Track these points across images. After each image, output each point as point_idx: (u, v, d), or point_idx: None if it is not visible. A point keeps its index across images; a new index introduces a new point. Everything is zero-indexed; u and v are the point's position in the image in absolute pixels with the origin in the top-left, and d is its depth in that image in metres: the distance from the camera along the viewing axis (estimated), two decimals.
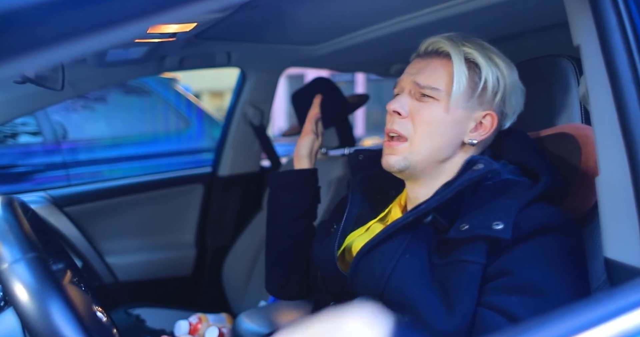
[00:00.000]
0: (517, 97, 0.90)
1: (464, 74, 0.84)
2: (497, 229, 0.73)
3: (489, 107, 0.87)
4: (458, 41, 0.87)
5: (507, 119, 0.90)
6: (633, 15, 0.65)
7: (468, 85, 0.85)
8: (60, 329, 0.55)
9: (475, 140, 0.86)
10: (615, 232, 0.67)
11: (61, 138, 3.33)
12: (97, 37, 0.43)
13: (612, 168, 0.67)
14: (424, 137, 0.85)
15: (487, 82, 0.85)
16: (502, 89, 0.86)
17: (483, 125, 0.87)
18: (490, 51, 0.88)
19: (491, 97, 0.86)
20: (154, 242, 2.01)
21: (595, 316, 0.56)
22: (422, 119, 0.85)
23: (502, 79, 0.86)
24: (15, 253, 0.62)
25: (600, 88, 0.68)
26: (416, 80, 0.86)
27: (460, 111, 0.85)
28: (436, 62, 0.87)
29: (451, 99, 0.84)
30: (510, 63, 0.89)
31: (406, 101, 0.87)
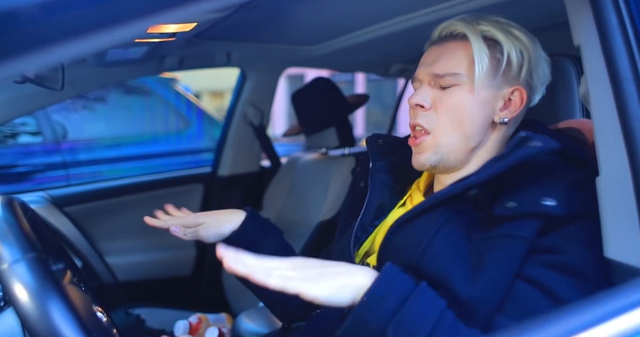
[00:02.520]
0: (543, 68, 0.86)
1: (485, 53, 0.81)
2: (547, 205, 0.69)
3: (516, 82, 0.83)
4: (472, 21, 0.84)
5: (537, 92, 0.87)
6: (634, 15, 0.65)
7: (490, 63, 0.81)
8: (60, 329, 0.55)
9: (506, 119, 0.83)
10: (615, 232, 0.67)
11: (61, 138, 3.33)
12: (97, 37, 0.43)
13: (612, 168, 0.67)
14: (449, 126, 0.82)
15: (510, 57, 0.82)
16: (528, 62, 0.83)
17: (512, 101, 0.83)
18: (508, 25, 0.84)
19: (517, 72, 0.83)
20: (154, 242, 2.01)
21: (596, 315, 0.56)
22: (447, 107, 0.82)
23: (526, 52, 0.83)
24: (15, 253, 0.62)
25: (601, 88, 0.68)
26: (433, 72, 0.83)
27: (487, 91, 0.82)
28: (452, 46, 0.84)
29: (475, 80, 0.80)
30: (531, 35, 0.85)
31: (427, 92, 0.84)
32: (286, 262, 0.66)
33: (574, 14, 0.71)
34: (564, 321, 0.55)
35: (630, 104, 0.64)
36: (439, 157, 0.83)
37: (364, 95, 2.10)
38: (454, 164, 0.84)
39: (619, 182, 0.66)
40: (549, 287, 0.68)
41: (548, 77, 0.88)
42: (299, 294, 0.63)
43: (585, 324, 0.55)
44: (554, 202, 0.69)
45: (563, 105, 0.95)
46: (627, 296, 0.58)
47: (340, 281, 0.65)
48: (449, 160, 0.83)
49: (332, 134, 1.88)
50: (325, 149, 1.89)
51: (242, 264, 0.64)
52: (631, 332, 0.55)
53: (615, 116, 0.66)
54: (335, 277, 0.66)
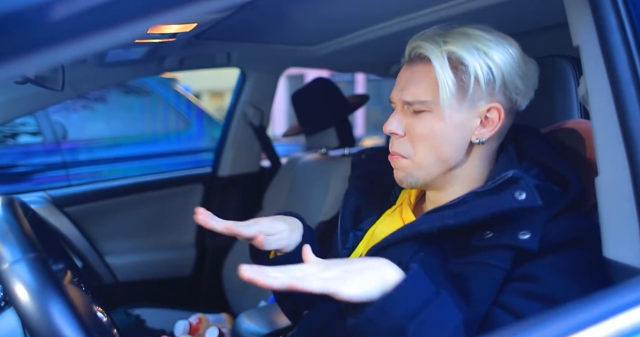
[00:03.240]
0: (522, 76, 0.82)
1: (449, 78, 0.79)
2: (523, 239, 0.70)
3: (491, 100, 0.81)
4: (439, 40, 0.80)
5: (521, 101, 0.84)
6: (633, 16, 0.66)
7: (457, 87, 0.79)
8: (60, 329, 0.55)
9: (484, 138, 0.82)
10: (615, 232, 0.67)
11: (61, 138, 3.33)
12: (97, 38, 0.43)
13: (612, 168, 0.67)
14: (423, 152, 0.82)
15: (477, 78, 0.79)
16: (500, 77, 0.80)
17: (489, 119, 0.81)
18: (477, 39, 0.80)
19: (489, 90, 0.80)
20: (154, 242, 2.01)
21: (594, 314, 0.56)
22: (420, 134, 0.82)
23: (495, 67, 0.79)
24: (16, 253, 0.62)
25: (600, 88, 0.68)
26: (404, 98, 0.82)
27: (458, 114, 0.80)
28: (420, 70, 0.82)
29: (442, 107, 0.79)
30: (503, 41, 0.81)
31: (400, 119, 0.84)
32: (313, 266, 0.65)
33: (573, 15, 0.71)
34: (563, 320, 0.55)
35: (630, 104, 0.65)
36: (415, 180, 0.84)
37: (364, 95, 2.10)
38: (434, 184, 0.85)
39: (618, 182, 0.66)
40: (524, 314, 0.68)
41: (532, 79, 0.85)
42: (337, 294, 0.61)
43: (584, 323, 0.55)
44: (528, 235, 0.70)
45: (561, 106, 0.95)
46: (626, 296, 0.58)
47: (368, 276, 0.64)
48: (427, 181, 0.84)
49: (332, 134, 1.88)
50: (325, 149, 1.89)
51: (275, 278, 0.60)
52: (629, 332, 0.55)
53: (615, 117, 0.66)
54: (365, 272, 0.64)
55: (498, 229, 0.73)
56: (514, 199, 0.72)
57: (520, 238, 0.70)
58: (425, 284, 0.65)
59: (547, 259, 0.70)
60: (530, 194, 0.72)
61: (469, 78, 0.79)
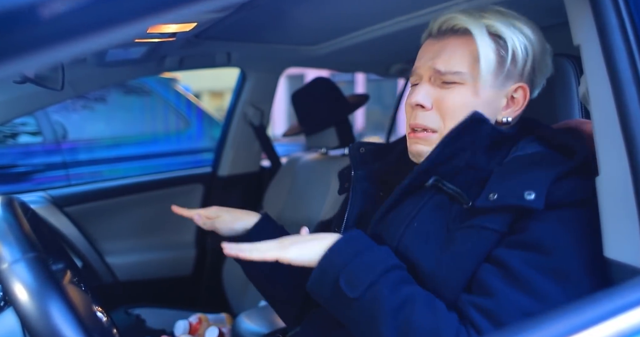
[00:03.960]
0: (546, 62, 0.83)
1: (491, 49, 0.77)
2: (528, 199, 0.69)
3: (519, 79, 0.81)
4: (475, 13, 0.79)
5: (538, 86, 0.85)
6: (633, 15, 0.65)
7: (496, 60, 0.78)
8: (60, 329, 0.55)
9: (510, 118, 0.81)
10: (615, 232, 0.67)
11: (61, 138, 3.33)
12: (97, 37, 0.43)
13: (612, 168, 0.67)
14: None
15: (515, 54, 0.78)
16: (532, 57, 0.80)
17: (515, 100, 0.81)
18: (512, 17, 0.80)
19: (521, 69, 0.80)
20: (154, 242, 2.01)
21: (595, 314, 0.56)
22: (450, 107, 0.79)
23: (530, 47, 0.80)
24: (15, 253, 0.62)
25: (601, 88, 0.68)
26: (435, 67, 0.79)
27: (490, 90, 0.79)
28: (454, 42, 0.80)
29: (480, 80, 0.77)
30: (534, 25, 0.82)
31: (428, 91, 0.80)
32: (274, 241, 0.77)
33: (574, 14, 0.71)
34: (564, 320, 0.55)
35: (630, 104, 0.64)
36: None
37: (364, 95, 2.09)
38: None
39: (619, 182, 0.66)
40: (506, 263, 0.68)
41: (550, 70, 0.86)
42: (278, 258, 0.74)
43: (584, 323, 0.55)
44: (533, 195, 0.69)
45: (562, 105, 0.95)
46: (627, 296, 0.58)
47: (310, 244, 0.75)
48: None
49: (332, 134, 1.88)
50: (325, 149, 1.89)
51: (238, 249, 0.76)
52: (630, 332, 0.55)
53: (615, 116, 0.66)
54: (307, 242, 0.76)
55: (503, 187, 0.72)
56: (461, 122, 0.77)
57: (526, 198, 0.69)
58: (359, 240, 0.75)
59: (543, 213, 0.69)
60: (474, 114, 0.77)
61: (506, 53, 0.79)
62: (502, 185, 0.73)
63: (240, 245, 0.77)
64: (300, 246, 0.75)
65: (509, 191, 0.71)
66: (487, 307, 0.66)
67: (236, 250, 0.76)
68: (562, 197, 0.70)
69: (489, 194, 0.72)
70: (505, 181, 0.73)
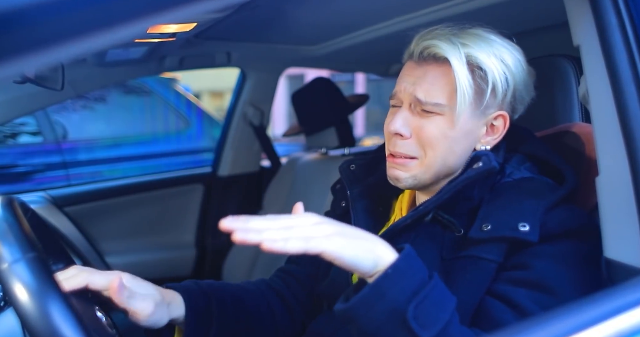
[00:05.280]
0: (528, 88, 0.82)
1: (469, 83, 0.76)
2: (523, 231, 0.69)
3: (499, 108, 0.80)
4: (456, 41, 0.77)
5: (518, 111, 0.84)
6: (633, 15, 0.65)
7: (474, 93, 0.77)
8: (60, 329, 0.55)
9: (489, 146, 0.81)
10: (615, 232, 0.67)
11: (61, 138, 3.33)
12: (97, 37, 0.43)
13: (612, 168, 0.67)
14: (433, 156, 0.78)
15: (495, 86, 0.77)
16: (512, 86, 0.78)
17: (495, 127, 0.80)
18: (492, 44, 0.78)
19: (501, 99, 0.79)
20: (154, 242, 2.01)
21: (595, 315, 0.56)
22: (429, 138, 0.78)
23: (512, 77, 0.78)
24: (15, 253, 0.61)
25: (601, 88, 0.68)
26: (416, 95, 0.78)
27: (469, 121, 0.78)
28: (435, 70, 0.78)
29: (457, 112, 0.76)
30: (513, 48, 0.80)
31: (407, 119, 0.79)
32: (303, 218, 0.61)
33: (574, 14, 0.71)
34: (564, 320, 0.55)
35: (630, 104, 0.64)
36: (416, 182, 0.81)
37: (364, 95, 2.10)
38: (430, 187, 0.83)
39: (619, 182, 0.66)
40: (515, 301, 0.68)
41: (531, 93, 0.84)
42: (322, 252, 0.58)
43: (584, 323, 0.55)
44: (527, 227, 0.70)
45: (561, 106, 0.95)
46: (627, 296, 0.58)
47: (363, 244, 0.61)
48: (426, 184, 0.82)
49: (332, 134, 1.88)
50: (325, 149, 1.89)
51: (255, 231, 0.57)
52: (630, 332, 0.55)
53: (615, 116, 0.66)
54: (358, 239, 0.62)
55: (497, 218, 0.73)
56: (471, 169, 0.76)
57: (520, 230, 0.70)
58: (419, 264, 0.64)
59: (540, 248, 0.70)
60: (486, 161, 0.75)
61: (486, 85, 0.77)
62: (495, 215, 0.74)
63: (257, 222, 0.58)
64: (351, 243, 0.60)
65: (503, 222, 0.72)
66: None
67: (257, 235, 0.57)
68: (555, 227, 0.71)
69: (482, 225, 0.73)
70: (498, 211, 0.74)
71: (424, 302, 0.60)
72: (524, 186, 0.77)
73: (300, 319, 0.96)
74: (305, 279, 0.98)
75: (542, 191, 0.75)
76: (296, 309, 0.96)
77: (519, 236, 0.70)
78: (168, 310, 0.78)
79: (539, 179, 0.79)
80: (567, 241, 0.71)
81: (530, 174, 0.80)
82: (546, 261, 0.70)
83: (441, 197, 0.76)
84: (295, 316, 0.96)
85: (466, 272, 0.72)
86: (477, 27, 0.80)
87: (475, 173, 0.75)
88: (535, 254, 0.70)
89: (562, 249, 0.71)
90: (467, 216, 0.78)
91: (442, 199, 0.76)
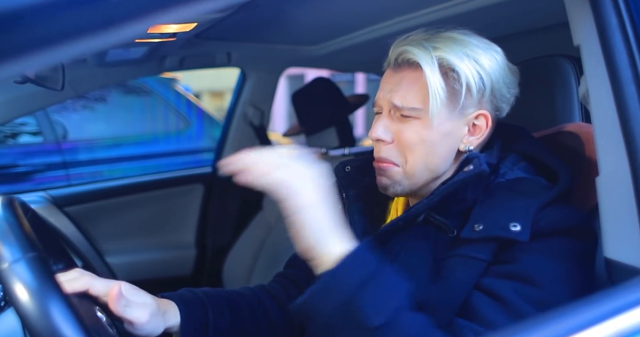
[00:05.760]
0: (508, 85, 0.82)
1: (440, 87, 0.77)
2: (514, 231, 0.70)
3: (479, 107, 0.80)
4: (428, 45, 0.78)
5: (503, 109, 0.84)
6: (633, 15, 0.65)
7: (448, 95, 0.78)
8: (60, 329, 0.55)
9: (472, 147, 0.81)
10: (615, 232, 0.67)
11: (61, 138, 3.33)
12: (97, 37, 0.43)
13: (612, 168, 0.67)
14: (413, 160, 0.80)
15: (469, 86, 0.78)
16: (489, 85, 0.79)
17: (477, 127, 0.81)
18: (465, 45, 0.79)
19: (478, 99, 0.79)
20: (154, 242, 2.01)
21: (595, 315, 0.56)
22: (408, 142, 0.79)
23: (486, 75, 0.78)
24: (16, 253, 0.61)
25: (601, 88, 0.68)
26: (393, 101, 0.80)
27: (447, 123, 0.79)
28: (409, 75, 0.80)
29: (431, 115, 0.77)
30: (489, 48, 0.80)
31: (387, 125, 0.81)
32: None
33: (574, 14, 0.71)
34: (563, 320, 0.55)
35: (630, 104, 0.64)
36: (402, 188, 0.82)
37: (364, 95, 2.10)
38: (419, 192, 0.83)
39: (619, 182, 0.66)
40: (498, 293, 0.69)
41: (515, 89, 0.84)
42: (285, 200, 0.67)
43: (584, 323, 0.55)
44: (519, 227, 0.70)
45: (561, 106, 0.95)
46: (627, 296, 0.58)
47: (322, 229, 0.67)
48: (413, 190, 0.82)
49: (332, 134, 1.88)
50: (325, 149, 1.89)
51: None
52: (630, 332, 0.55)
53: (615, 116, 0.66)
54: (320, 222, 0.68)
55: (489, 218, 0.74)
56: (462, 172, 0.77)
57: (511, 229, 0.70)
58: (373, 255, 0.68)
59: (529, 245, 0.71)
60: (477, 164, 0.76)
61: (460, 86, 0.78)
62: (487, 216, 0.74)
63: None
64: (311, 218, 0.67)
65: (494, 222, 0.72)
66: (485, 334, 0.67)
67: None
68: (546, 226, 0.71)
69: (474, 225, 0.74)
70: (490, 211, 0.75)
71: (375, 289, 0.64)
72: (517, 186, 0.78)
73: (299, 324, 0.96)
74: (303, 282, 0.98)
75: (535, 191, 0.76)
76: None
77: (510, 236, 0.70)
78: (163, 319, 0.79)
79: (532, 179, 0.79)
80: (557, 238, 0.71)
81: (524, 174, 0.81)
82: (533, 256, 0.70)
83: (432, 200, 0.77)
84: (294, 320, 0.96)
85: (456, 271, 0.73)
86: (452, 30, 0.81)
87: (466, 176, 0.76)
88: (523, 250, 0.71)
89: (550, 246, 0.71)
90: (460, 217, 0.78)
91: (433, 201, 0.77)
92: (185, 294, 0.86)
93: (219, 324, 0.85)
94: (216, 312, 0.86)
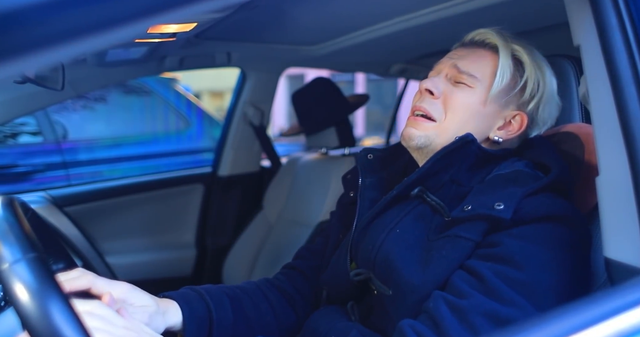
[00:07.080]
0: (551, 109, 0.88)
1: (509, 69, 0.84)
2: (497, 209, 0.72)
3: (522, 108, 0.86)
4: (507, 36, 0.86)
5: (536, 127, 0.89)
6: (633, 15, 0.65)
7: (509, 81, 0.84)
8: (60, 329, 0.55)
9: (501, 139, 0.85)
10: (615, 232, 0.67)
11: (61, 138, 3.33)
12: (97, 37, 0.43)
13: (612, 168, 0.67)
14: (453, 122, 0.84)
15: (527, 83, 0.85)
16: (540, 95, 0.86)
17: (511, 124, 0.86)
18: (538, 56, 0.87)
19: (527, 99, 0.85)
20: (154, 242, 2.01)
21: (594, 314, 0.56)
22: (455, 103, 0.84)
23: (543, 85, 0.86)
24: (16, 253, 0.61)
25: (601, 88, 0.68)
26: (457, 64, 0.85)
27: (494, 105, 0.84)
28: (481, 51, 0.86)
29: (491, 91, 0.83)
30: (553, 74, 0.89)
31: (441, 82, 0.86)
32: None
33: (574, 15, 0.71)
34: (564, 320, 0.55)
35: (630, 104, 0.65)
36: (428, 142, 0.85)
37: (364, 95, 2.10)
38: None
39: (618, 182, 0.66)
40: (477, 271, 0.70)
41: (552, 120, 0.90)
42: None
43: (584, 323, 0.55)
44: (502, 206, 0.72)
45: (562, 106, 0.95)
46: (627, 296, 0.58)
47: None
48: (435, 148, 0.84)
49: (332, 134, 1.88)
50: (325, 149, 1.89)
51: None
52: (630, 332, 0.55)
53: (615, 116, 0.66)
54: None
55: (478, 200, 0.76)
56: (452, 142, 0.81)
57: (495, 208, 0.73)
58: None
59: (516, 229, 0.73)
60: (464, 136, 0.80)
61: (520, 79, 0.85)
62: (477, 198, 0.77)
63: None
64: None
65: (482, 203, 0.75)
66: (457, 304, 0.69)
67: None
68: (531, 212, 0.73)
69: (464, 206, 0.77)
70: (481, 196, 0.77)
71: None
72: (511, 176, 0.81)
73: (305, 311, 0.98)
74: (310, 271, 1.00)
75: (526, 180, 0.78)
76: (299, 301, 0.98)
77: (493, 214, 0.72)
78: (164, 319, 0.80)
79: (529, 172, 0.81)
80: (543, 224, 0.73)
81: (523, 168, 0.82)
82: (517, 240, 0.72)
83: (423, 168, 0.81)
84: (298, 309, 0.98)
85: (443, 249, 0.75)
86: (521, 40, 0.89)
87: (451, 144, 0.81)
88: (509, 234, 0.72)
89: (536, 231, 0.72)
90: (457, 202, 0.81)
91: (424, 169, 0.81)
92: (187, 292, 0.87)
93: (223, 320, 0.86)
94: (219, 309, 0.87)
